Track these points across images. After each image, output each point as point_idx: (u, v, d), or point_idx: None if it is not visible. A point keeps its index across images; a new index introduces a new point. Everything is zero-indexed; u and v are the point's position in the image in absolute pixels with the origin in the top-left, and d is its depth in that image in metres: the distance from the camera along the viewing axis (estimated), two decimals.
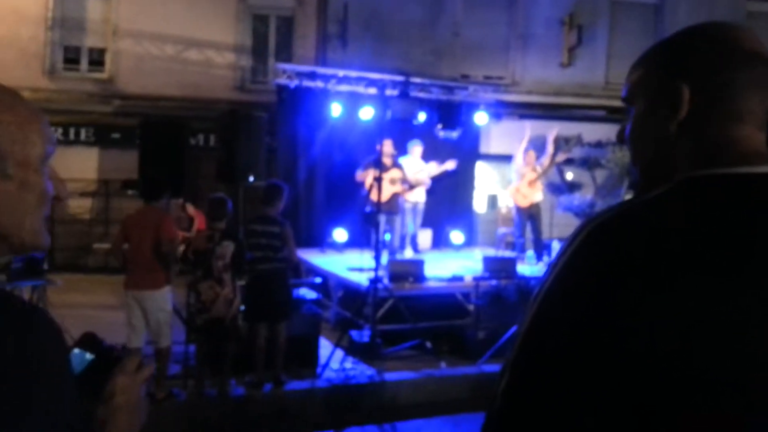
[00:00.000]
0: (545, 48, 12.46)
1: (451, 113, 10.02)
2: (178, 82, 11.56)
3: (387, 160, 8.15)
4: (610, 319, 0.77)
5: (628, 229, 0.81)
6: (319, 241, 9.87)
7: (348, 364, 6.12)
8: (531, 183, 9.26)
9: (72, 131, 11.52)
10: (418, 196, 9.20)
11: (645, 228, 0.80)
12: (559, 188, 10.67)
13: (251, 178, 6.92)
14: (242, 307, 5.47)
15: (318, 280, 8.00)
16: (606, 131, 12.37)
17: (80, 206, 11.66)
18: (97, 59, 11.90)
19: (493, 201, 12.94)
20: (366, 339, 6.36)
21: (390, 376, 5.98)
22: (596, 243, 0.82)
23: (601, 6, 12.53)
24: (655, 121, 0.93)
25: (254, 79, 12.21)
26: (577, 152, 10.96)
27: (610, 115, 12.54)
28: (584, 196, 10.67)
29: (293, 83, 9.69)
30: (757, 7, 12.91)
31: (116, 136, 11.43)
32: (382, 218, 7.18)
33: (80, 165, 11.32)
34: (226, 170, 6.87)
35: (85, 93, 11.61)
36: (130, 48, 11.62)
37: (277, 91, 9.84)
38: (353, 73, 10.00)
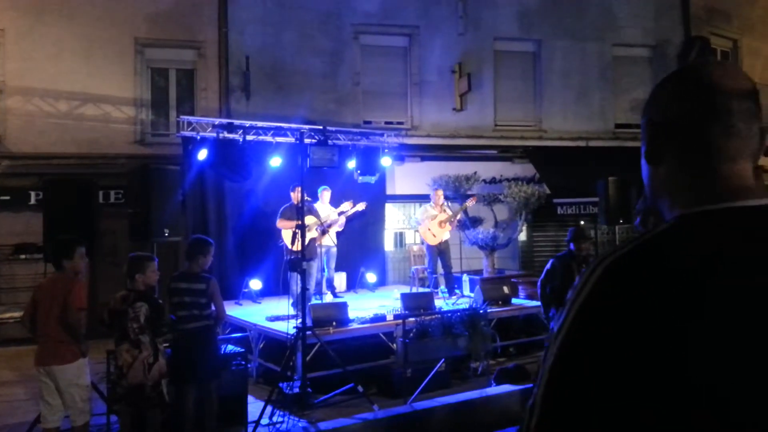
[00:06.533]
0: (439, 94, 13.21)
1: (369, 159, 10.42)
2: (73, 139, 11.08)
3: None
4: (641, 347, 0.78)
5: (648, 263, 0.83)
6: (234, 292, 9.72)
7: (276, 419, 5.96)
8: (441, 224, 9.71)
9: None
10: (330, 240, 9.35)
11: (662, 261, 0.83)
12: (464, 224, 11.23)
13: (166, 233, 6.77)
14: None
15: (238, 334, 7.85)
16: (498, 168, 13.29)
17: None
18: None
19: (400, 239, 13.36)
20: (296, 389, 6.28)
21: (324, 425, 5.87)
22: (617, 277, 0.84)
23: (485, 55, 13.51)
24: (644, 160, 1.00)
25: (155, 133, 11.94)
26: (476, 189, 11.62)
27: (501, 153, 13.43)
28: (487, 230, 11.28)
29: (199, 135, 9.63)
30: (622, 52, 14.46)
31: (6, 198, 10.70)
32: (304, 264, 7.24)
33: None
34: (140, 226, 6.68)
35: None
36: (19, 106, 11.00)
37: (183, 143, 9.73)
38: (261, 123, 10.11)
